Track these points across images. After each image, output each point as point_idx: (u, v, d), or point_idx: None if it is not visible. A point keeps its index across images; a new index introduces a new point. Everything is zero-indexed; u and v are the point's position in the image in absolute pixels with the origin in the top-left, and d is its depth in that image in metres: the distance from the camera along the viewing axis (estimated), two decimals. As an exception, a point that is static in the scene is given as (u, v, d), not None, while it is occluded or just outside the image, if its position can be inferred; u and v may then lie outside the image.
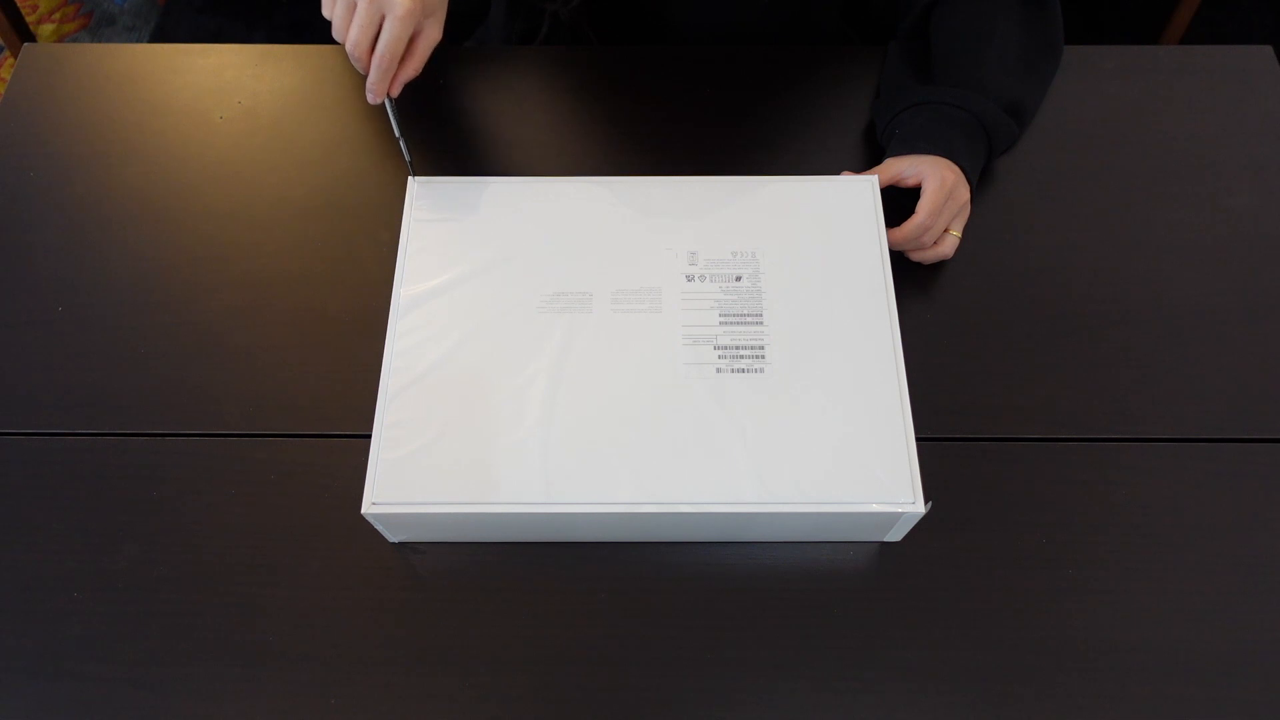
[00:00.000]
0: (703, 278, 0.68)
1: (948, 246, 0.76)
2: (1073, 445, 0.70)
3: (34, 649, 0.63)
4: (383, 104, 0.72)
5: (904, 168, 0.76)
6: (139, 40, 1.86)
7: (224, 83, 0.88)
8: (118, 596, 0.64)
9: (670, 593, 0.64)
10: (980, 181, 0.80)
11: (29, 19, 1.70)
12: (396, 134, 0.74)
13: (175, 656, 0.62)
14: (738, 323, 0.66)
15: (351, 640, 0.63)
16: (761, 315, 0.67)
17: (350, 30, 0.67)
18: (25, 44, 0.91)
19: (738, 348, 0.65)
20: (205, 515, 0.67)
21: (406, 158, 0.74)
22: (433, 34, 0.71)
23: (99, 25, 1.89)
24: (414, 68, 0.70)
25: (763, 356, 0.65)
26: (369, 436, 0.63)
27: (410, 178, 0.73)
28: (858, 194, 0.72)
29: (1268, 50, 0.89)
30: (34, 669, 0.62)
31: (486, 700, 0.61)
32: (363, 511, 0.60)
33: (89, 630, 0.63)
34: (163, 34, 1.41)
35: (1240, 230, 0.79)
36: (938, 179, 0.74)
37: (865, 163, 0.81)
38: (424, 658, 0.62)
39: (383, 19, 0.66)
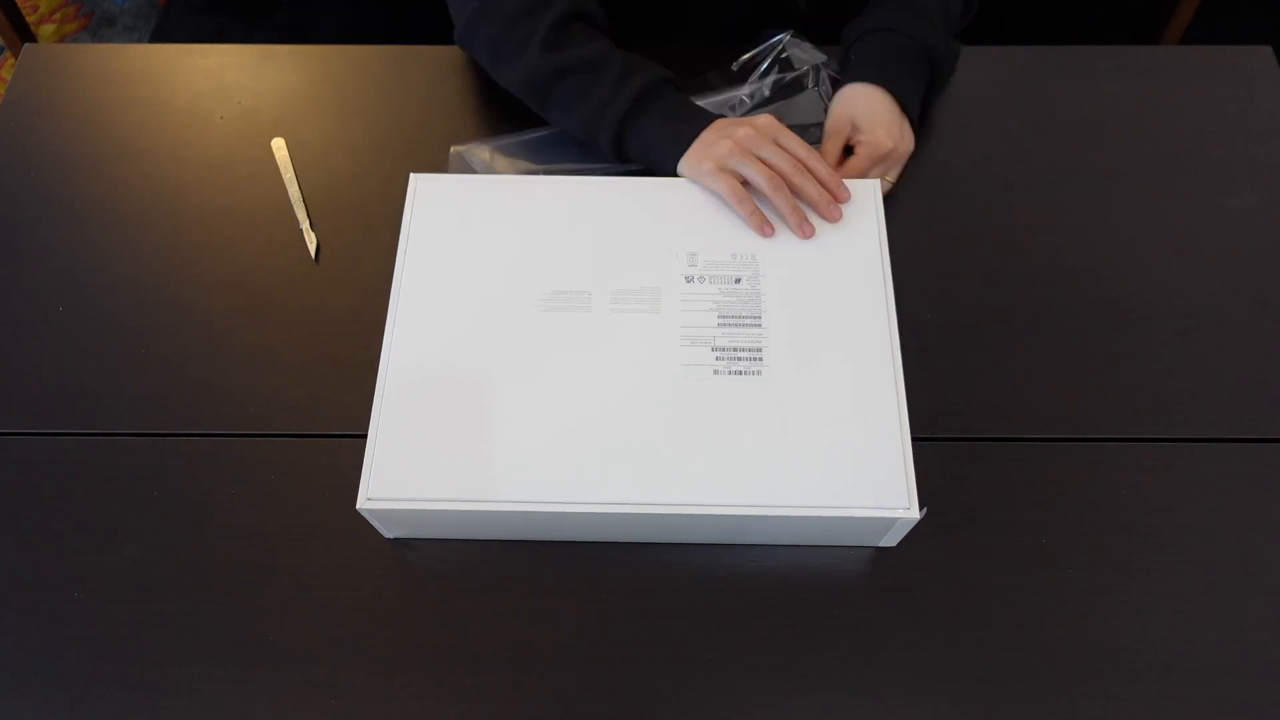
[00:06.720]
0: (702, 279, 0.68)
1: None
2: (1073, 445, 0.69)
3: (34, 649, 0.63)
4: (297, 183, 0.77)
5: (849, 128, 0.78)
6: (139, 40, 1.86)
7: (224, 83, 0.88)
8: (118, 596, 0.64)
9: (670, 593, 0.64)
10: (980, 180, 0.80)
11: (29, 19, 1.70)
12: (303, 217, 0.77)
13: (175, 656, 0.62)
14: (736, 325, 0.66)
15: (351, 640, 0.63)
16: (760, 318, 0.67)
17: (777, 165, 0.71)
18: (25, 44, 0.92)
19: (736, 350, 0.65)
20: (205, 515, 0.67)
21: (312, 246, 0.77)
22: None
23: (99, 25, 1.89)
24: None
25: (760, 359, 0.65)
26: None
27: (411, 175, 0.73)
28: (858, 196, 0.72)
29: (1268, 50, 0.89)
30: (34, 669, 0.62)
31: (486, 699, 0.61)
32: (358, 506, 0.60)
33: (89, 630, 0.63)
34: (163, 34, 1.41)
35: (1240, 230, 0.79)
36: (874, 144, 0.77)
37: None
38: (423, 657, 0.62)
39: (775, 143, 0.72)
